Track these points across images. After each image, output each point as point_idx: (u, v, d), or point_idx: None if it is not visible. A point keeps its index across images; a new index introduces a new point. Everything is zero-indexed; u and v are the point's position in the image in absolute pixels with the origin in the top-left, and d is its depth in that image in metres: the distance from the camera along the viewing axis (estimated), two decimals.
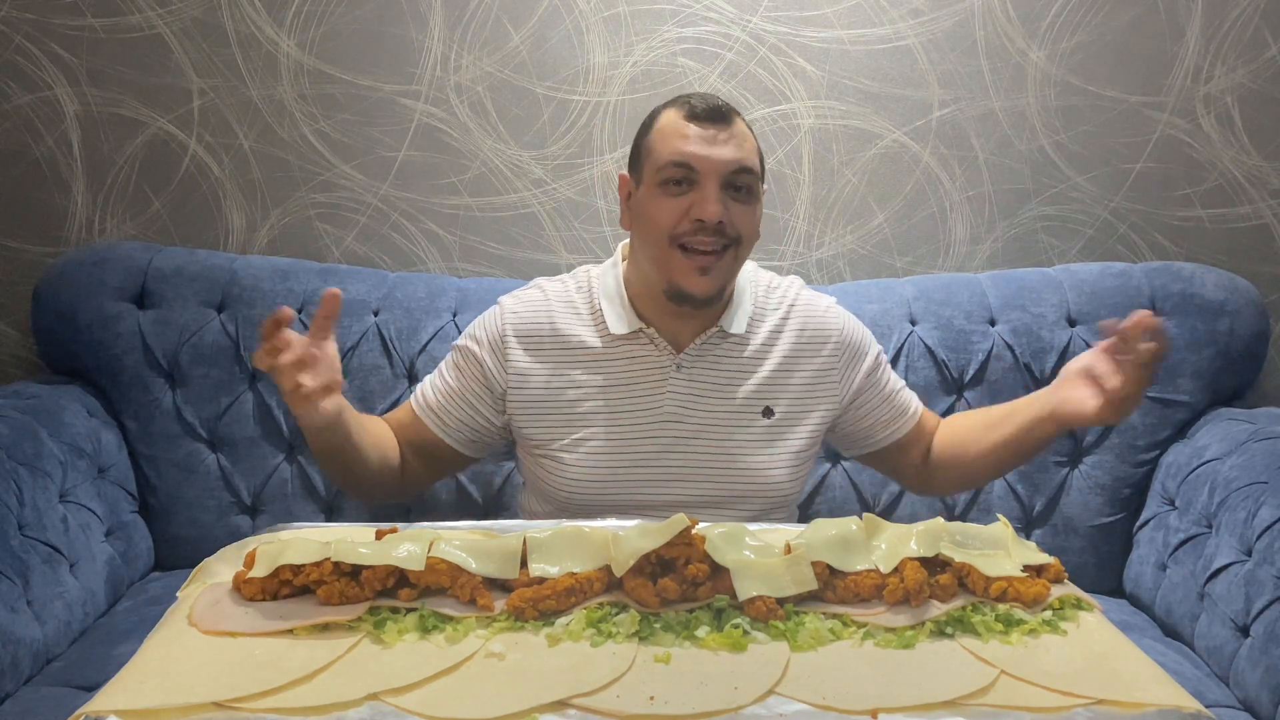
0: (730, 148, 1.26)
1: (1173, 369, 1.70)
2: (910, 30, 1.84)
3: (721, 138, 1.26)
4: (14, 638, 1.31)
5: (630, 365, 1.34)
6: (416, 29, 1.83)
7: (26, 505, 1.41)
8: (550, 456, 1.34)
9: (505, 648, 0.88)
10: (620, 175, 1.36)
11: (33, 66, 1.82)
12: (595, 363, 1.34)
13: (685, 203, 1.25)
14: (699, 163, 1.25)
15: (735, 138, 1.27)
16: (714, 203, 1.24)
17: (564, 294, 1.39)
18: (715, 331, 1.34)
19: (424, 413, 1.39)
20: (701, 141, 1.25)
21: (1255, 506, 1.42)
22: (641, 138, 1.32)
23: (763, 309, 1.39)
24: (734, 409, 1.34)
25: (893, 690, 0.83)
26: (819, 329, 1.39)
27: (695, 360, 1.34)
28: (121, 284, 1.72)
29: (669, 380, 1.33)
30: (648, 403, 1.33)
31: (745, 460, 1.33)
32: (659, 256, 1.28)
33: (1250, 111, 1.85)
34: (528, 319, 1.36)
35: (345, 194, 1.88)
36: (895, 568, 0.97)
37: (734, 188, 1.27)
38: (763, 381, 1.35)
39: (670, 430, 1.33)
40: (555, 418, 1.34)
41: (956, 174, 1.89)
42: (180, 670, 0.83)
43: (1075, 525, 1.72)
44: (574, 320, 1.36)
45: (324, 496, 1.74)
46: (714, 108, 1.27)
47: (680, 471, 1.32)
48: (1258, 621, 1.35)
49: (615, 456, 1.32)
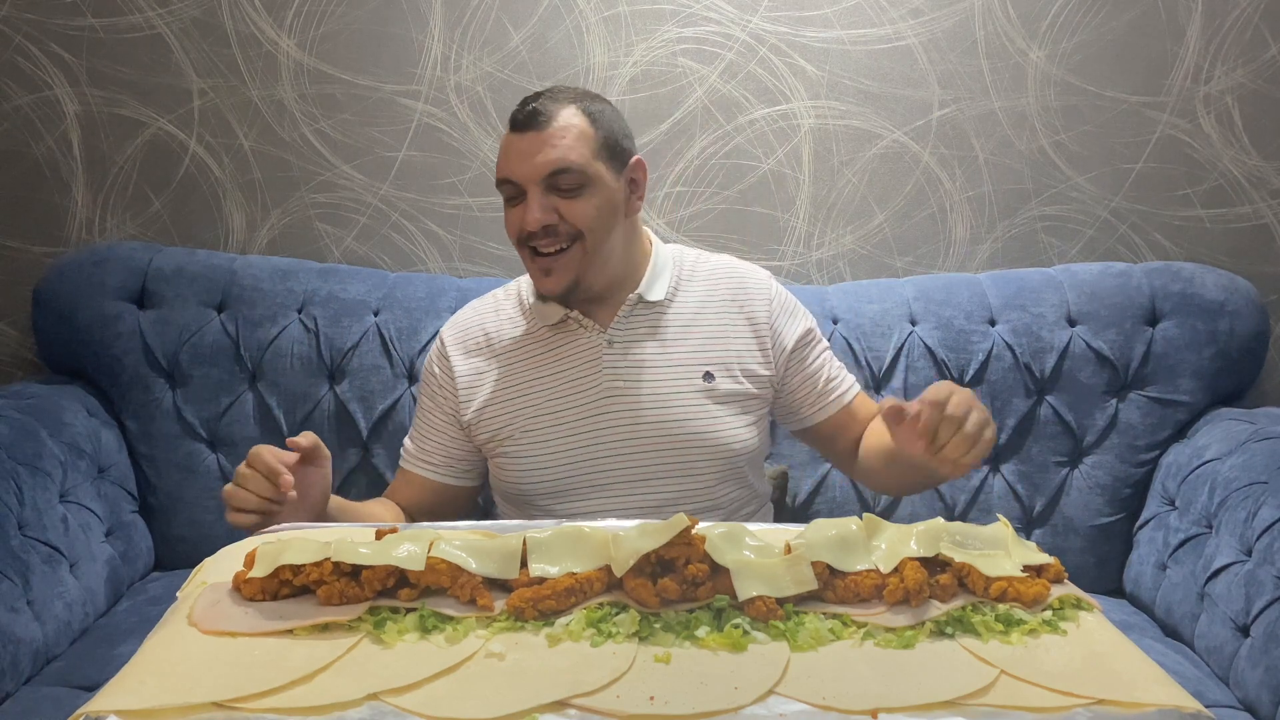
0: (543, 153, 1.27)
1: (1173, 369, 1.71)
2: (910, 30, 1.84)
3: (535, 145, 1.27)
4: (14, 638, 1.31)
5: (564, 350, 1.38)
6: (416, 29, 1.83)
7: (26, 505, 1.41)
8: (504, 454, 1.37)
9: (505, 648, 0.88)
10: None
11: (33, 66, 1.82)
12: (531, 356, 1.38)
13: (520, 212, 1.30)
14: (516, 175, 1.29)
15: (549, 139, 1.27)
16: (533, 211, 1.28)
17: (494, 304, 1.45)
18: (633, 301, 1.37)
19: (412, 464, 1.43)
20: (517, 154, 1.28)
21: (1255, 506, 1.42)
22: None
23: (690, 278, 1.42)
24: (671, 376, 1.36)
25: (893, 690, 0.83)
26: (750, 289, 1.42)
27: (624, 333, 1.37)
28: (121, 284, 1.72)
29: (603, 357, 1.36)
30: (586, 383, 1.36)
31: (691, 425, 1.35)
32: (523, 262, 1.35)
33: (1250, 111, 1.85)
34: (463, 333, 1.43)
35: (345, 194, 1.88)
36: (895, 568, 0.97)
37: (558, 189, 1.29)
38: (699, 345, 1.38)
39: (613, 405, 1.35)
40: (503, 416, 1.37)
41: (956, 174, 1.89)
42: (180, 670, 0.83)
43: (1075, 525, 1.72)
44: (506, 323, 1.42)
45: None
46: (530, 113, 1.28)
47: (628, 444, 1.34)
48: (1258, 621, 1.35)
49: (563, 440, 1.35)
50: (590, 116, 1.30)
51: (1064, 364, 1.73)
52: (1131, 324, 1.73)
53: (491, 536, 1.00)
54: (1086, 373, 1.72)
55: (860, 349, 1.73)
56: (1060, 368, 1.73)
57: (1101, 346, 1.72)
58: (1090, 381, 1.72)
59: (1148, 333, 1.73)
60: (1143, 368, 1.72)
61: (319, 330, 1.72)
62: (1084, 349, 1.72)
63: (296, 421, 1.72)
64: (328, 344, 1.72)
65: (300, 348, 1.72)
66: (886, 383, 1.73)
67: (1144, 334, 1.73)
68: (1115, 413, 1.73)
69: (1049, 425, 1.73)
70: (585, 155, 1.29)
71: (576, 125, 1.29)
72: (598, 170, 1.29)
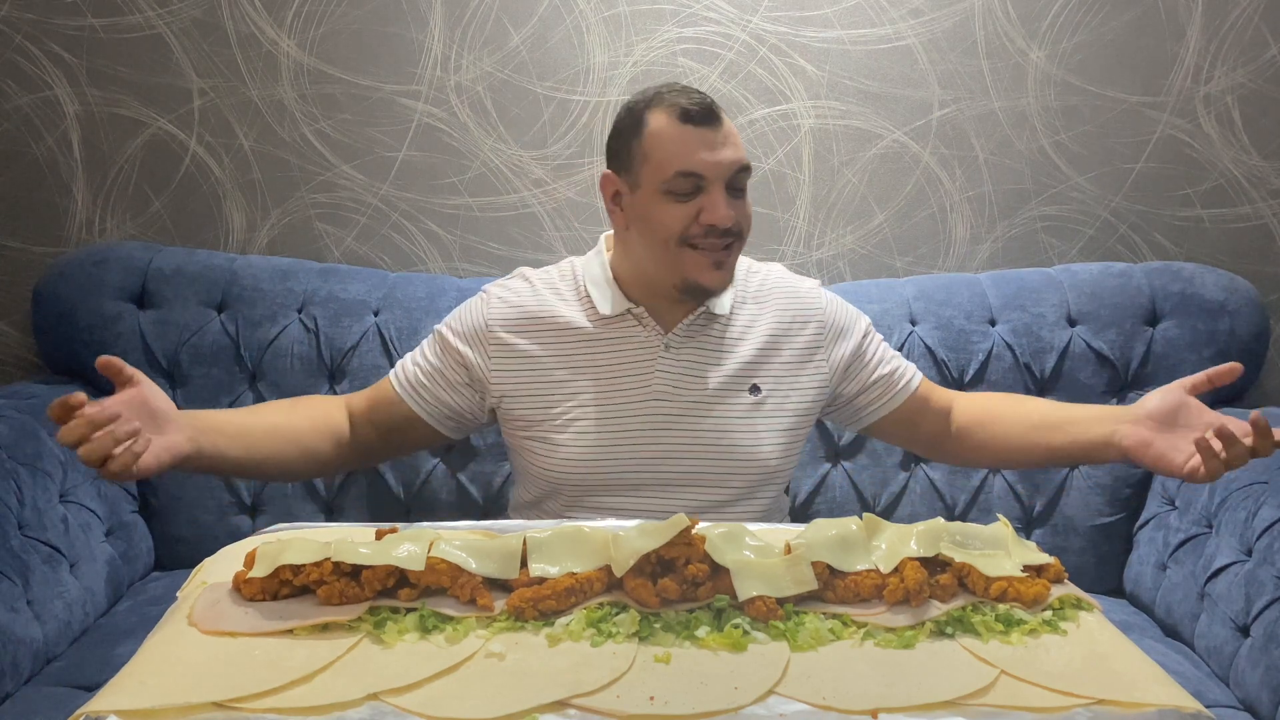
0: (729, 149, 1.27)
1: (1173, 369, 1.70)
2: (910, 30, 1.84)
3: (719, 140, 1.27)
4: (14, 638, 1.31)
5: (619, 345, 1.36)
6: (416, 29, 1.83)
7: (26, 505, 1.41)
8: (539, 438, 1.35)
9: (505, 648, 0.88)
10: (605, 174, 1.34)
11: (33, 66, 1.82)
12: (583, 343, 1.36)
13: (693, 208, 1.27)
14: (706, 170, 1.26)
15: (730, 136, 1.28)
16: (724, 207, 1.26)
17: (549, 280, 1.40)
18: (702, 313, 1.36)
19: (403, 389, 1.38)
20: (703, 147, 1.26)
21: (1255, 506, 1.42)
22: (631, 139, 1.30)
23: (744, 292, 1.41)
24: (720, 387, 1.35)
25: (893, 690, 0.83)
26: (801, 309, 1.41)
27: (683, 340, 1.36)
28: (121, 284, 1.72)
29: (658, 359, 1.35)
30: (637, 381, 1.34)
31: (732, 437, 1.34)
32: (668, 257, 1.29)
33: (1250, 111, 1.85)
34: (514, 304, 1.38)
35: (345, 194, 1.88)
36: (895, 568, 0.97)
37: (734, 187, 1.29)
38: (749, 360, 1.37)
39: (659, 408, 1.34)
40: (544, 399, 1.35)
41: (956, 174, 1.89)
42: (180, 670, 0.83)
43: (1075, 525, 1.72)
44: (560, 304, 1.38)
45: (324, 496, 1.74)
46: (707, 108, 1.27)
47: (669, 448, 1.34)
48: (1258, 621, 1.35)
49: (604, 435, 1.33)
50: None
51: (1064, 364, 1.73)
52: (1132, 324, 1.73)
53: (491, 536, 1.00)
54: (1086, 373, 1.72)
55: None
56: (1060, 368, 1.73)
57: (1101, 346, 1.72)
58: (1090, 381, 1.72)
59: (1148, 333, 1.73)
60: (1143, 368, 1.72)
61: (319, 330, 1.72)
62: (1084, 349, 1.72)
63: None
64: (328, 344, 1.72)
65: (300, 348, 1.72)
66: None
67: (1144, 334, 1.73)
68: None
69: None
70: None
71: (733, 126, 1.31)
72: None
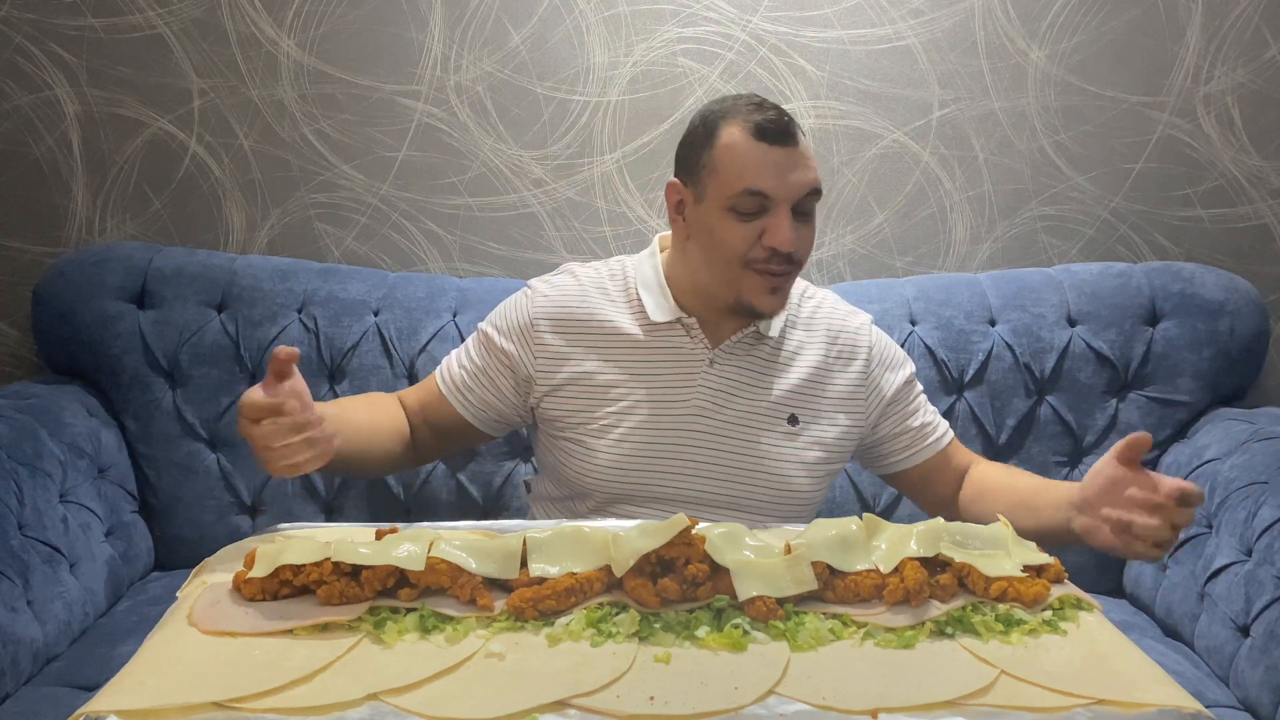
0: (801, 171, 1.23)
1: (1173, 369, 1.71)
2: (910, 30, 1.84)
3: (793, 162, 1.23)
4: (14, 638, 1.31)
5: (665, 355, 1.33)
6: (416, 29, 1.83)
7: (26, 505, 1.41)
8: (576, 441, 1.33)
9: (505, 648, 0.88)
10: (670, 182, 1.32)
11: (33, 66, 1.82)
12: (630, 349, 1.33)
13: (757, 228, 1.24)
14: (775, 191, 1.22)
15: (804, 158, 1.24)
16: (788, 231, 1.23)
17: (597, 279, 1.38)
18: (751, 332, 1.34)
19: (449, 391, 1.39)
20: (775, 169, 1.22)
21: (1255, 506, 1.42)
22: (701, 149, 1.27)
23: (795, 316, 1.38)
24: (761, 411, 1.33)
25: (893, 690, 0.83)
26: (850, 343, 1.39)
27: (729, 357, 1.33)
28: (121, 284, 1.72)
29: (701, 374, 1.32)
30: (679, 394, 1.32)
31: (767, 464, 1.32)
32: (727, 275, 1.27)
33: (1250, 111, 1.85)
34: (560, 303, 1.35)
35: (345, 194, 1.88)
36: (895, 568, 0.97)
37: (801, 211, 1.26)
38: (791, 388, 1.34)
39: (698, 424, 1.32)
40: (585, 401, 1.33)
41: (956, 174, 1.89)
42: (180, 670, 0.83)
43: None
44: (608, 306, 1.35)
45: (324, 496, 1.74)
46: (783, 128, 1.23)
47: (705, 467, 1.31)
48: (1258, 621, 1.35)
49: (643, 445, 1.31)
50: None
51: (1064, 364, 1.73)
52: (1131, 324, 1.73)
53: (491, 536, 1.00)
54: (1086, 373, 1.72)
55: None
56: (1060, 368, 1.73)
57: (1101, 346, 1.72)
58: (1090, 381, 1.72)
59: (1148, 333, 1.73)
60: (1143, 368, 1.72)
61: (319, 330, 1.72)
62: (1084, 349, 1.72)
63: None
64: (328, 344, 1.72)
65: (300, 348, 1.71)
66: None
67: (1144, 334, 1.73)
68: (1115, 413, 1.73)
69: (1049, 425, 1.73)
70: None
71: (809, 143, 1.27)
72: None
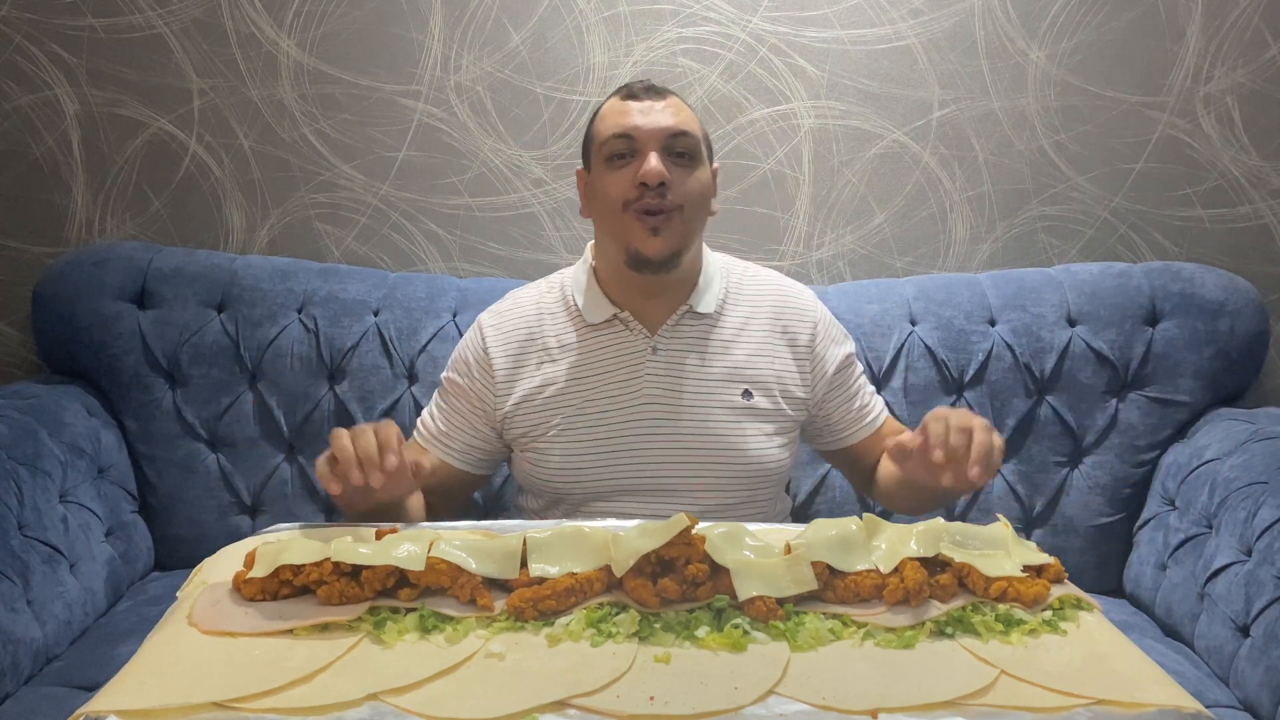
0: (666, 115, 1.30)
1: (1173, 369, 1.71)
2: (910, 30, 1.84)
3: (657, 108, 1.31)
4: (14, 638, 1.31)
5: (607, 352, 1.37)
6: (416, 29, 1.83)
7: (26, 505, 1.41)
8: (535, 450, 1.36)
9: (505, 648, 0.88)
10: (577, 171, 1.41)
11: (33, 66, 1.82)
12: (573, 355, 1.37)
13: (630, 171, 1.30)
14: (637, 131, 1.29)
15: (670, 107, 1.32)
16: (653, 163, 1.28)
17: (537, 297, 1.43)
18: (686, 312, 1.37)
19: (430, 443, 1.42)
20: (638, 113, 1.31)
21: (1255, 506, 1.42)
22: (589, 129, 1.38)
23: (737, 293, 1.42)
24: (712, 390, 1.36)
25: (893, 690, 0.83)
26: (796, 314, 1.42)
27: (670, 342, 1.36)
28: (121, 284, 1.72)
29: (645, 363, 1.35)
30: (626, 387, 1.35)
31: (728, 441, 1.35)
32: (614, 227, 1.32)
33: (1250, 111, 1.85)
34: (505, 329, 1.40)
35: (345, 194, 1.88)
36: (895, 568, 0.97)
37: (674, 153, 1.30)
38: (739, 364, 1.37)
39: (650, 412, 1.34)
40: (539, 415, 1.36)
41: (956, 174, 1.89)
42: (180, 670, 0.83)
43: (1075, 525, 1.72)
44: (549, 319, 1.40)
45: (324, 496, 1.74)
46: (648, 85, 1.34)
47: (666, 453, 1.34)
48: (1258, 621, 1.35)
49: (598, 442, 1.34)
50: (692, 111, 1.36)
51: (1064, 364, 1.73)
52: (1131, 324, 1.73)
53: (491, 536, 1.00)
54: (1086, 373, 1.72)
55: (860, 349, 1.73)
56: (1060, 368, 1.73)
57: (1101, 346, 1.72)
58: (1090, 381, 1.72)
59: (1148, 333, 1.73)
60: (1143, 368, 1.72)
61: (319, 330, 1.72)
62: (1084, 349, 1.72)
63: (296, 421, 1.72)
64: (328, 344, 1.72)
65: (300, 348, 1.72)
66: (886, 383, 1.73)
67: (1144, 334, 1.73)
68: (1115, 413, 1.73)
69: (1049, 425, 1.73)
70: (699, 133, 1.33)
71: (689, 109, 1.35)
72: (703, 151, 1.34)
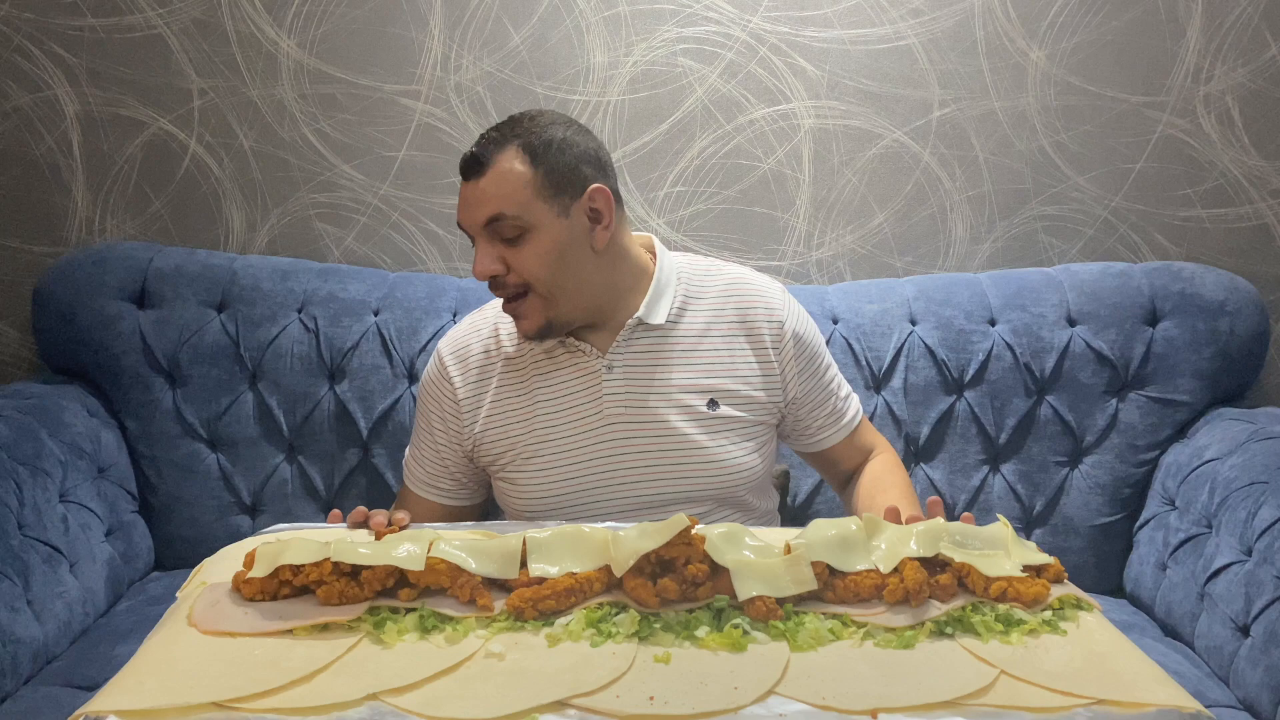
0: (480, 200, 1.23)
1: (1173, 369, 1.70)
2: (910, 30, 1.84)
3: (475, 193, 1.24)
4: (14, 638, 1.31)
5: (563, 374, 1.33)
6: (416, 29, 1.83)
7: (26, 505, 1.41)
8: (508, 479, 1.35)
9: (505, 648, 0.88)
10: None
11: (33, 66, 1.82)
12: (532, 377, 1.34)
13: None
14: (463, 221, 1.27)
15: (485, 188, 1.23)
16: (480, 261, 1.25)
17: (493, 319, 1.39)
18: (637, 325, 1.32)
19: (419, 488, 1.42)
20: (463, 202, 1.26)
21: (1255, 506, 1.42)
22: None
23: (697, 296, 1.36)
24: (674, 403, 1.31)
25: (893, 690, 0.83)
26: (761, 313, 1.37)
27: (624, 358, 1.32)
28: (121, 284, 1.72)
29: (603, 383, 1.31)
30: (588, 409, 1.31)
31: (695, 454, 1.31)
32: None
33: (1250, 111, 1.85)
34: (460, 352, 1.38)
35: (345, 194, 1.88)
36: (895, 568, 0.97)
37: (501, 236, 1.24)
38: (701, 372, 1.33)
39: (615, 432, 1.31)
40: (505, 440, 1.34)
41: (956, 174, 1.89)
42: (180, 670, 0.83)
43: (1075, 525, 1.72)
44: (506, 340, 1.36)
45: (324, 496, 1.74)
46: (469, 160, 1.24)
47: (633, 472, 1.31)
48: (1258, 621, 1.35)
49: (565, 467, 1.31)
50: (531, 155, 1.23)
51: (1064, 364, 1.73)
52: (1131, 324, 1.73)
53: (491, 536, 1.00)
54: (1086, 373, 1.72)
55: (860, 349, 1.73)
56: (1060, 368, 1.73)
57: (1101, 346, 1.72)
58: (1090, 381, 1.72)
59: (1148, 333, 1.73)
60: (1143, 368, 1.72)
61: (319, 330, 1.72)
62: (1084, 349, 1.72)
63: (296, 421, 1.72)
64: (328, 344, 1.72)
65: (300, 348, 1.72)
66: (886, 382, 1.73)
67: (1144, 334, 1.73)
68: (1115, 413, 1.73)
69: (1049, 425, 1.73)
70: (522, 201, 1.22)
71: (513, 170, 1.22)
72: (538, 215, 1.23)
